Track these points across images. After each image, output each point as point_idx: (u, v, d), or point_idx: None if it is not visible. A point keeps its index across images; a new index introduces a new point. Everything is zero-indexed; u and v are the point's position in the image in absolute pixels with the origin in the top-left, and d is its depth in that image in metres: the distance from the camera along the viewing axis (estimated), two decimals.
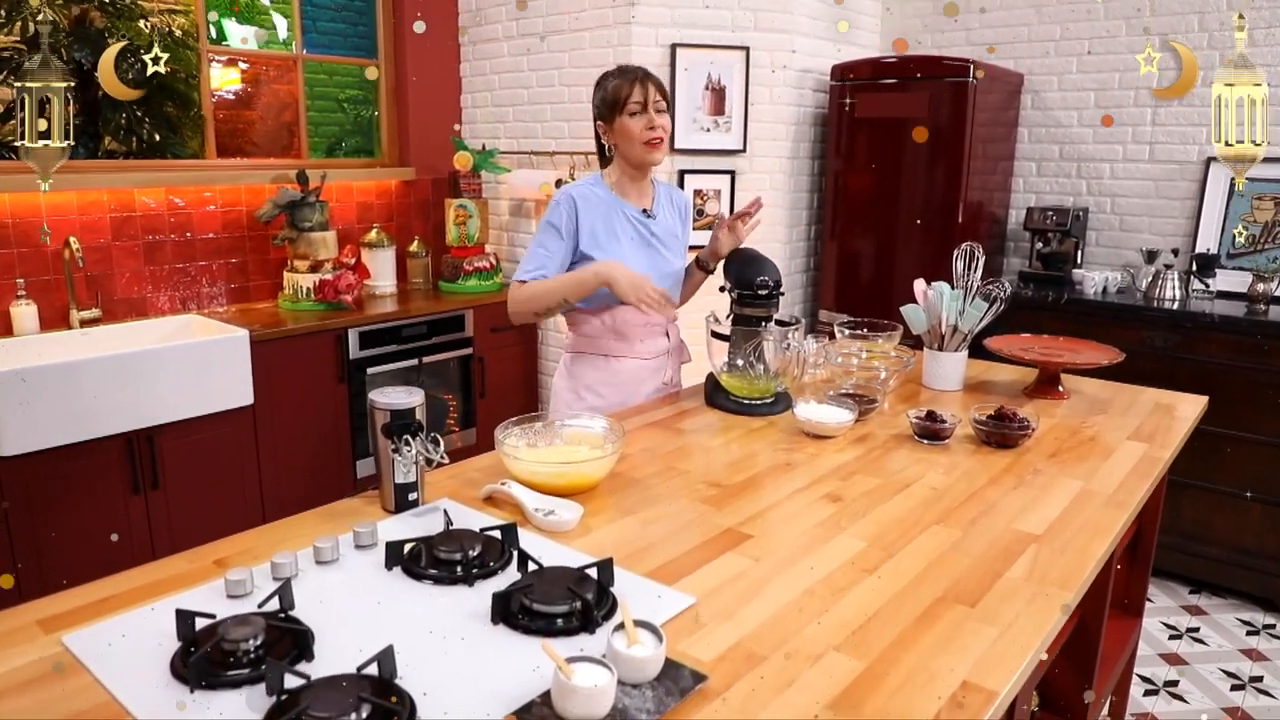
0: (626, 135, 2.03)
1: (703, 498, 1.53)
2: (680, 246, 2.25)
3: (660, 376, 2.23)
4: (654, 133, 2.02)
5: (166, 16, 3.57)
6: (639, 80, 2.02)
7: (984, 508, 1.51)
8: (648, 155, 2.05)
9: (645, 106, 2.01)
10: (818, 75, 3.77)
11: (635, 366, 2.18)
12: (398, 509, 1.44)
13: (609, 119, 2.05)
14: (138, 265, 3.24)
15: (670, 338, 2.25)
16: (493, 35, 3.98)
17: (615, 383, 2.16)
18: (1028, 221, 3.65)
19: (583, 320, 2.15)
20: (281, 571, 1.22)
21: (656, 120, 2.02)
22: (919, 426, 1.84)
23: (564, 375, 2.22)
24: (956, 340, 2.23)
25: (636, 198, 2.16)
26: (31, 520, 2.59)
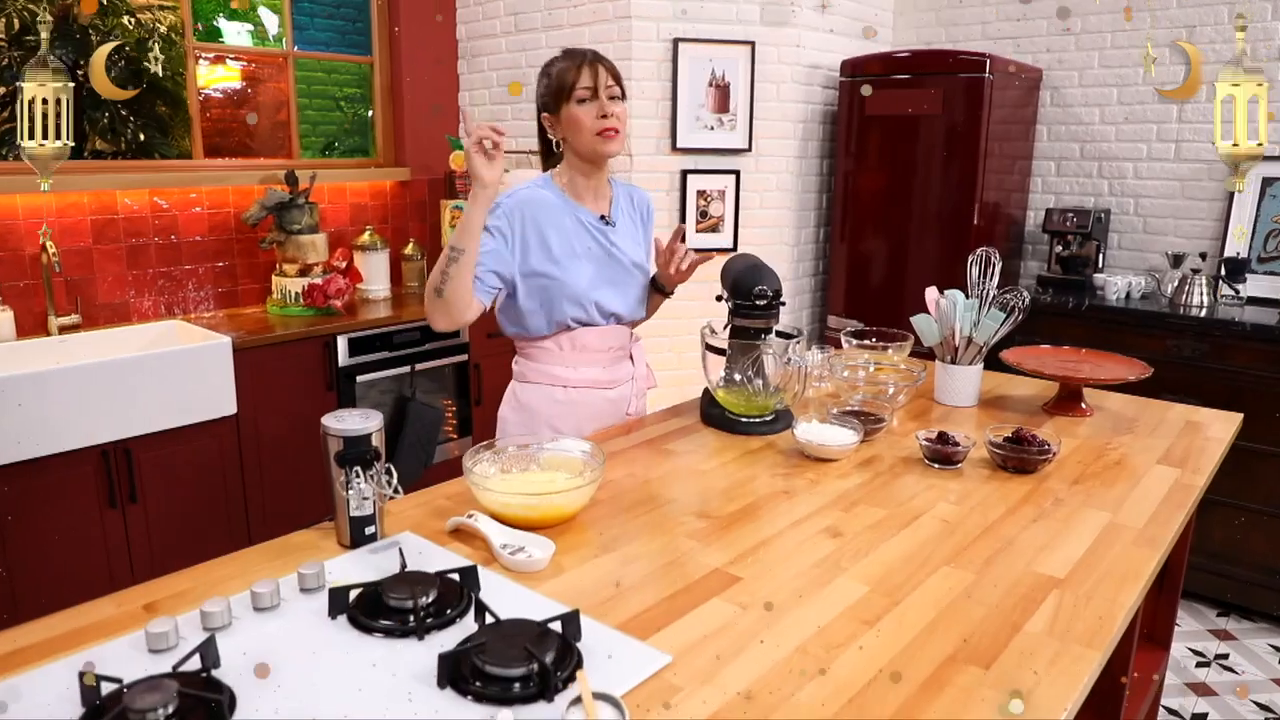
0: (575, 125, 1.80)
1: (690, 531, 1.40)
2: (643, 257, 2.01)
3: (623, 407, 2.01)
4: (607, 121, 1.79)
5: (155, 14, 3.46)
6: (588, 63, 1.80)
7: (1000, 545, 1.37)
8: (601, 146, 1.81)
9: (596, 92, 1.79)
10: (827, 71, 3.62)
11: (595, 397, 1.95)
12: (354, 544, 1.32)
13: (555, 108, 1.83)
14: (120, 269, 3.13)
15: (634, 361, 2.04)
16: (490, 31, 3.86)
17: (572, 416, 1.91)
18: (1046, 223, 3.49)
19: (533, 344, 1.94)
20: (212, 621, 1.10)
21: (609, 107, 1.80)
22: (929, 450, 1.70)
23: (513, 407, 1.97)
24: (971, 353, 2.08)
25: (593, 201, 1.93)
26: (1, 536, 2.49)
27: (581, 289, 1.85)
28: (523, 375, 1.96)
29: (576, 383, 1.93)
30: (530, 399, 1.94)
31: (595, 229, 1.90)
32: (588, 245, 1.88)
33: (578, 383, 1.93)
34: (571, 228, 1.87)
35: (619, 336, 1.97)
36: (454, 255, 1.67)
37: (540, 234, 1.83)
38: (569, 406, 1.92)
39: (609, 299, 1.90)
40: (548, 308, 1.86)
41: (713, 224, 3.48)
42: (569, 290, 1.84)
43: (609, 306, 1.91)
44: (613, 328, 1.94)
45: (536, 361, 1.93)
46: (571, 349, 1.91)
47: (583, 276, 1.85)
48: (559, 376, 1.92)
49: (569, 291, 1.84)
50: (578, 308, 1.87)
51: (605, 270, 1.90)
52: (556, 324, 1.88)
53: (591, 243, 1.89)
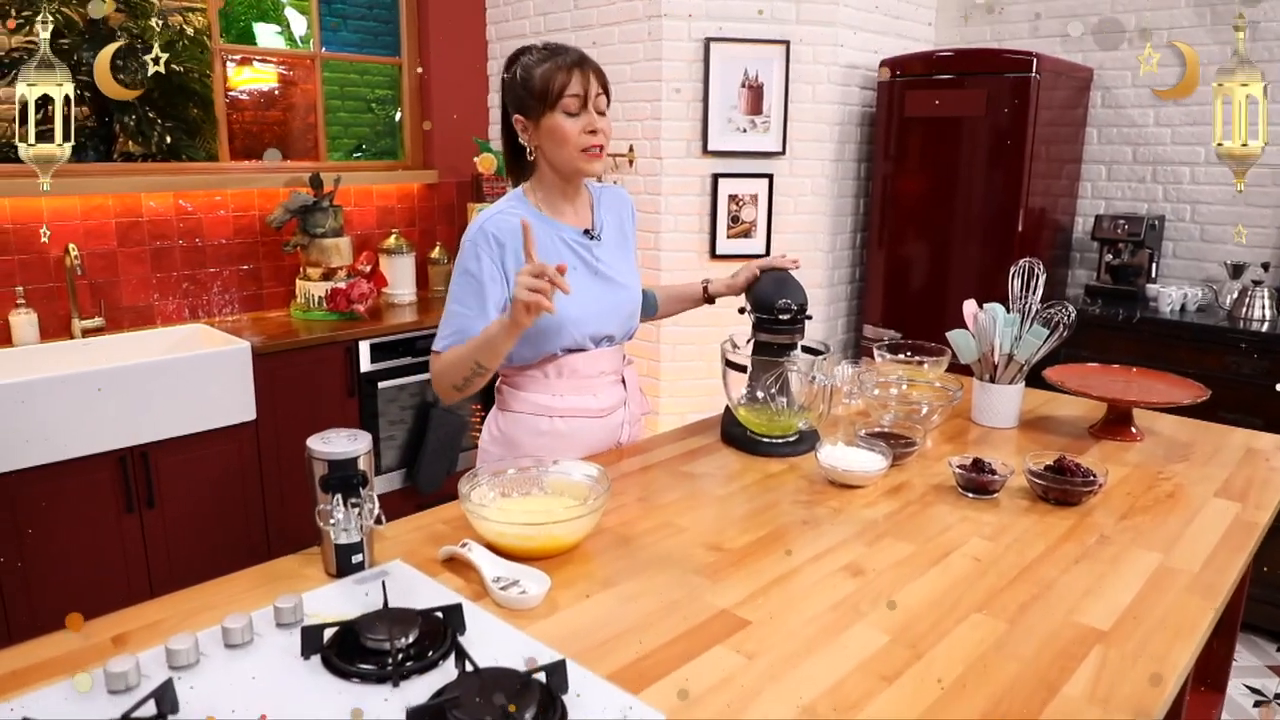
0: (558, 138, 1.60)
1: (699, 566, 1.30)
2: (633, 266, 1.83)
3: (616, 435, 1.83)
4: (594, 139, 1.60)
5: (183, 15, 3.44)
6: (578, 67, 1.58)
7: (1037, 589, 1.25)
8: (585, 165, 1.63)
9: (585, 103, 1.59)
10: (865, 71, 3.50)
11: (585, 426, 1.76)
12: (340, 573, 1.24)
13: (533, 113, 1.61)
14: (144, 272, 3.11)
15: (626, 385, 1.84)
16: (519, 31, 3.79)
17: (559, 448, 1.68)
18: (1096, 230, 3.33)
19: (517, 371, 1.74)
20: (177, 659, 1.02)
21: (598, 123, 1.61)
22: (963, 478, 1.58)
23: (493, 438, 1.78)
24: (1011, 371, 1.95)
25: (573, 214, 1.74)
26: (19, 541, 2.47)
27: (571, 317, 1.66)
28: (505, 404, 1.77)
29: (564, 411, 1.73)
30: (513, 430, 1.75)
31: (580, 246, 1.72)
32: (574, 265, 1.68)
33: (565, 411, 1.73)
34: (554, 251, 1.67)
35: (611, 360, 1.78)
36: (479, 370, 1.59)
37: (521, 264, 1.59)
38: (555, 438, 1.72)
39: (600, 323, 1.72)
40: (534, 339, 1.66)
41: (744, 229, 3.37)
42: (557, 320, 1.63)
43: (601, 330, 1.73)
44: (604, 351, 1.76)
45: (520, 389, 1.74)
46: (559, 376, 1.72)
47: (571, 304, 1.62)
48: (545, 405, 1.73)
49: (551, 321, 1.62)
50: (567, 337, 1.69)
51: (594, 292, 1.71)
52: (542, 352, 1.70)
53: (578, 263, 1.70)
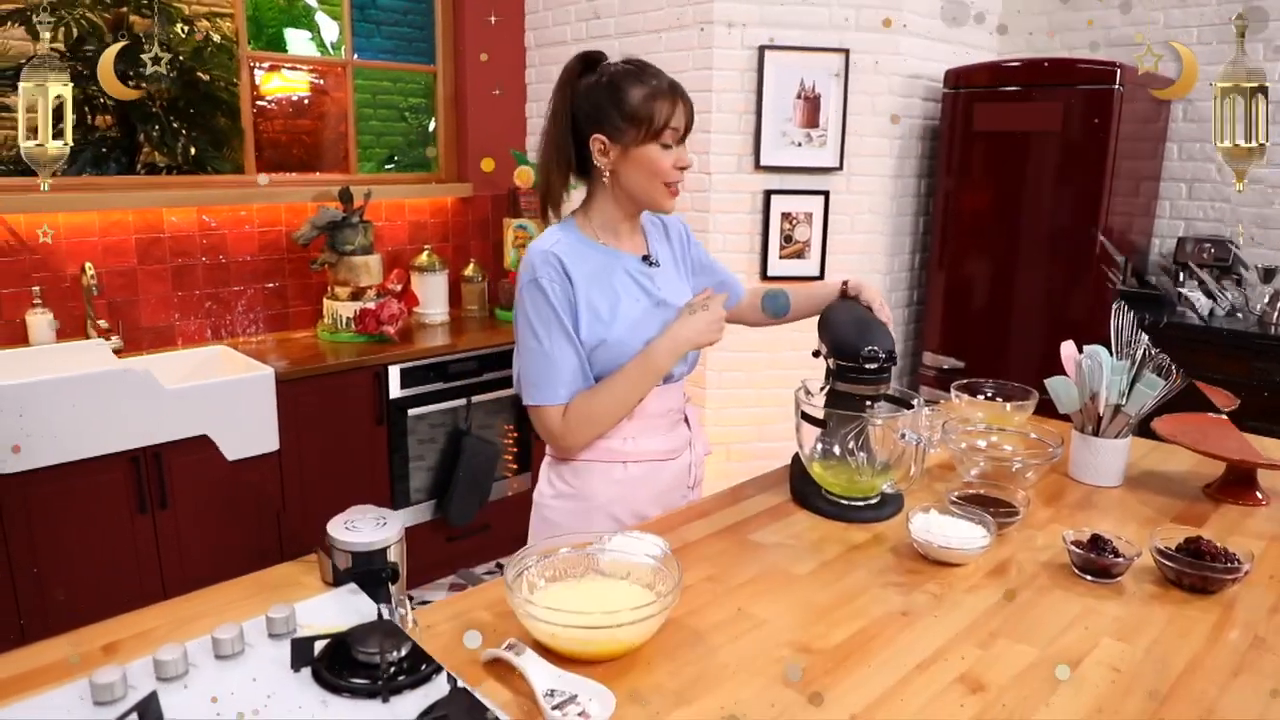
0: (649, 169, 1.50)
1: (788, 676, 1.10)
2: (688, 294, 1.69)
3: (685, 480, 1.71)
4: (680, 176, 1.54)
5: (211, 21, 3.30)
6: (681, 99, 1.50)
7: (1198, 713, 1.04)
8: (664, 201, 1.55)
9: (680, 137, 1.52)
10: (928, 82, 3.28)
11: (656, 472, 1.64)
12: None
13: (624, 138, 1.49)
14: (165, 291, 2.96)
15: (689, 424, 1.72)
16: (560, 38, 3.61)
17: (634, 496, 1.60)
18: (1178, 254, 3.09)
19: None
20: (166, 670, 0.94)
21: (688, 157, 1.55)
22: (1081, 559, 1.37)
23: (558, 493, 1.63)
24: (1119, 424, 1.73)
25: (630, 242, 1.63)
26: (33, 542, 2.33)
27: (635, 349, 1.54)
28: (570, 453, 1.60)
29: (636, 455, 1.60)
30: (582, 481, 1.60)
31: (642, 276, 1.60)
32: (635, 298, 1.57)
33: (637, 455, 1.60)
34: (616, 281, 1.56)
35: (675, 398, 1.66)
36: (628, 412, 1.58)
37: (587, 297, 1.52)
38: (629, 485, 1.60)
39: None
40: (598, 375, 1.55)
41: (798, 249, 3.17)
42: (625, 354, 1.54)
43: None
44: (669, 388, 1.63)
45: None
46: (628, 418, 1.58)
47: (637, 336, 1.54)
48: (616, 450, 1.59)
49: (625, 356, 1.53)
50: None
51: (655, 322, 1.57)
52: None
53: (639, 294, 1.58)
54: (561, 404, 1.53)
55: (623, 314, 1.54)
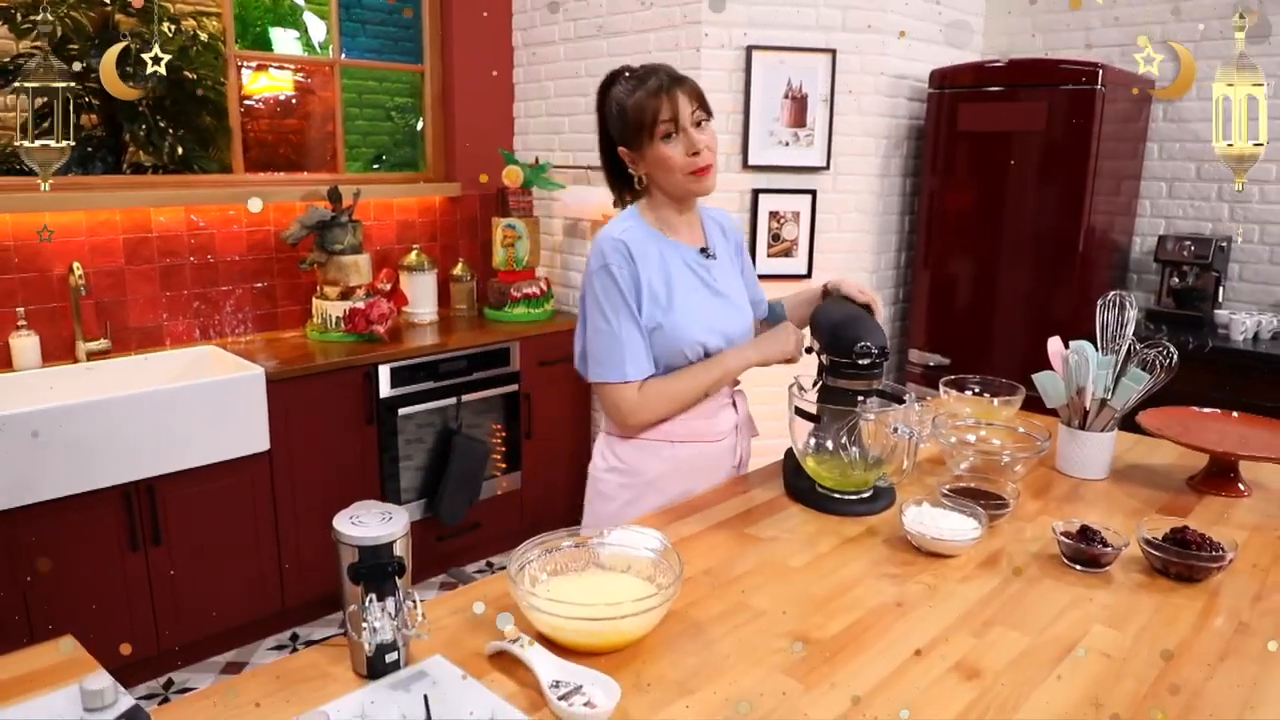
0: (664, 166, 1.58)
1: (789, 664, 1.12)
2: (742, 287, 1.79)
3: (729, 460, 1.78)
4: (699, 159, 1.57)
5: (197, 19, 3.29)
6: (665, 92, 1.54)
7: (1186, 697, 1.07)
8: (694, 186, 1.60)
9: (678, 125, 1.55)
10: (913, 82, 3.32)
11: (703, 451, 1.72)
12: (372, 674, 1.06)
13: (636, 145, 1.58)
14: (153, 291, 2.95)
15: (738, 410, 1.80)
16: (548, 37, 3.62)
17: (680, 473, 1.68)
18: (1159, 252, 3.14)
19: None
20: None
21: (699, 140, 1.56)
22: (1070, 549, 1.40)
23: (611, 467, 1.71)
24: (1104, 418, 1.76)
25: (688, 234, 1.70)
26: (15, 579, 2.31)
27: (693, 335, 1.62)
28: (623, 431, 1.70)
29: (684, 436, 1.69)
30: (633, 458, 1.69)
31: (698, 266, 1.68)
32: (694, 287, 1.65)
33: (686, 436, 1.69)
34: (674, 268, 1.64)
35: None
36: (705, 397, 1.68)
37: (649, 281, 1.60)
38: (675, 465, 1.68)
39: (716, 342, 1.66)
40: (662, 360, 1.64)
41: (785, 248, 3.19)
42: (681, 338, 1.61)
43: (718, 352, 1.67)
44: None
45: None
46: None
47: (694, 321, 1.62)
48: (666, 431, 1.67)
49: (681, 340, 1.62)
50: (686, 357, 1.64)
51: (715, 310, 1.67)
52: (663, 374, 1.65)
53: (696, 282, 1.66)
54: (629, 380, 1.60)
55: (680, 301, 1.61)
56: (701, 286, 1.66)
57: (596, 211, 3.44)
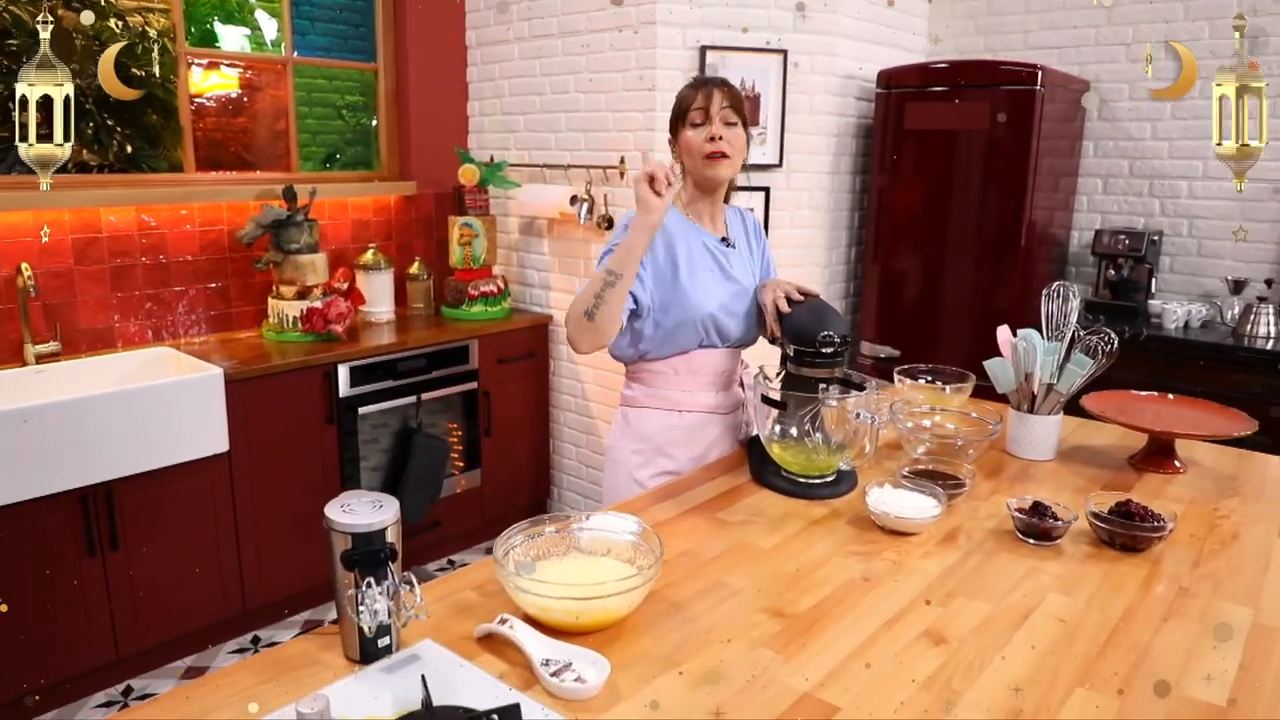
0: (687, 148, 1.80)
1: (765, 637, 1.17)
2: (756, 279, 1.95)
3: (737, 433, 1.94)
4: (714, 145, 1.75)
5: (144, 15, 3.23)
6: (703, 86, 1.79)
7: (1135, 655, 1.15)
8: (708, 170, 1.78)
9: (708, 116, 1.76)
10: (862, 82, 3.41)
11: (712, 422, 1.88)
12: (364, 659, 1.09)
13: (675, 132, 1.84)
14: (103, 292, 2.90)
15: (745, 388, 1.95)
16: (502, 37, 3.64)
17: (689, 440, 1.86)
18: (1096, 245, 3.28)
19: (647, 369, 1.86)
20: None
21: (720, 131, 1.76)
22: (1023, 523, 1.48)
23: (626, 435, 1.89)
24: (1051, 402, 1.86)
25: (710, 223, 1.90)
26: None
27: (707, 311, 1.79)
28: (636, 400, 1.89)
29: (692, 406, 1.86)
30: (646, 425, 1.86)
31: (718, 252, 1.85)
32: (710, 268, 1.82)
33: (693, 406, 1.86)
34: (695, 249, 1.82)
35: (731, 361, 1.90)
36: (610, 280, 1.63)
37: (671, 254, 1.78)
38: (686, 431, 1.85)
39: (727, 323, 1.83)
40: (671, 330, 1.79)
41: None
42: (695, 312, 1.78)
43: (728, 329, 1.84)
44: (726, 351, 1.88)
45: (651, 386, 1.86)
46: (689, 373, 1.84)
47: (707, 297, 1.79)
48: (676, 401, 1.85)
49: (695, 314, 1.78)
50: (700, 331, 1.80)
51: (727, 292, 1.83)
52: (676, 347, 1.82)
53: (714, 265, 1.83)
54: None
55: (694, 278, 1.78)
56: (717, 269, 1.83)
57: (553, 209, 3.46)
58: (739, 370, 1.95)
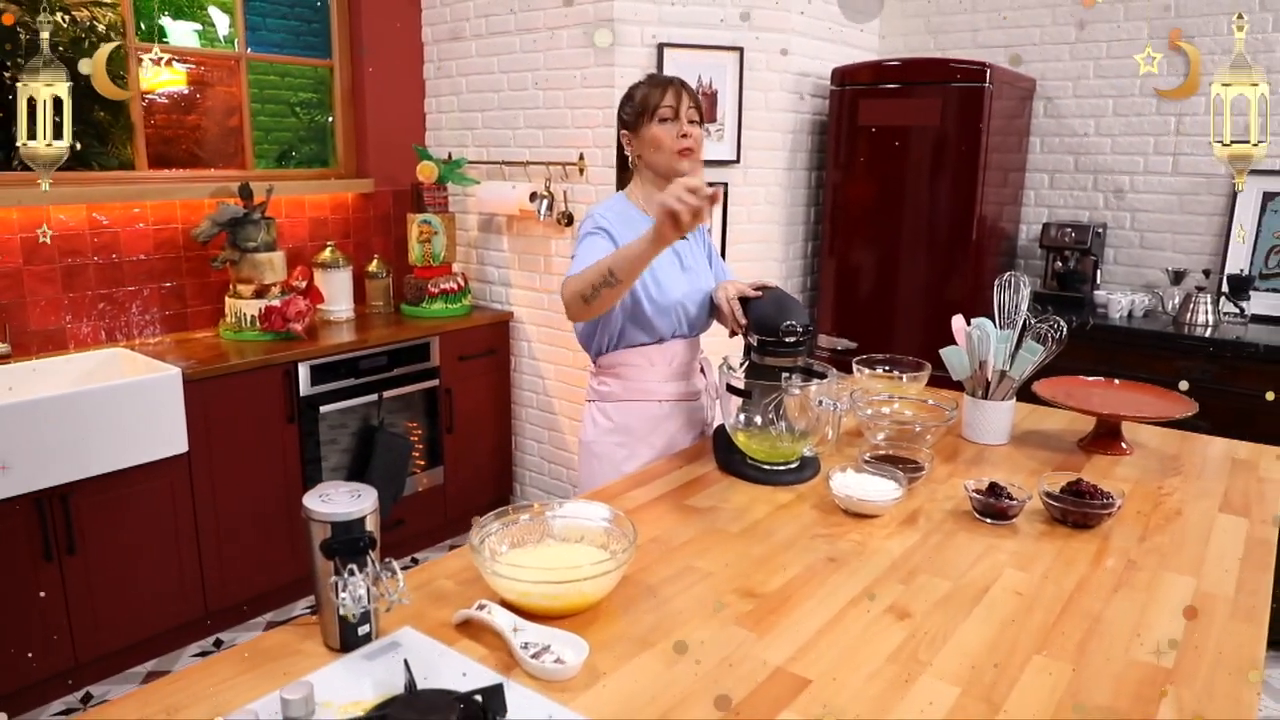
0: (655, 143, 1.86)
1: (737, 616, 1.21)
2: (707, 267, 2.03)
3: (702, 417, 2.01)
4: (686, 140, 1.85)
5: (91, 10, 3.17)
6: (672, 86, 1.87)
7: (1087, 623, 1.20)
8: (678, 164, 1.85)
9: (677, 113, 1.85)
10: (816, 79, 3.47)
11: (684, 409, 1.96)
12: (345, 647, 1.10)
13: (635, 127, 1.89)
14: (54, 293, 2.84)
15: (706, 375, 2.04)
16: (460, 33, 3.64)
17: (666, 431, 1.92)
18: (1044, 238, 3.38)
19: (623, 362, 1.91)
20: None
21: (689, 129, 1.86)
22: (980, 503, 1.54)
23: (608, 429, 1.93)
24: (1005, 388, 1.92)
25: None
26: None
27: (674, 300, 1.87)
28: (612, 395, 1.93)
29: (667, 395, 1.93)
30: (625, 418, 1.92)
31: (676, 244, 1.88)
32: (670, 260, 1.89)
33: (668, 395, 1.93)
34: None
35: (694, 349, 1.99)
36: (611, 280, 1.64)
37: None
38: (661, 420, 1.92)
39: (692, 311, 1.92)
40: (641, 320, 1.86)
41: None
42: (664, 301, 1.86)
43: (694, 318, 1.93)
44: (691, 340, 1.96)
45: (625, 379, 1.91)
46: (662, 362, 1.91)
47: (674, 290, 1.88)
48: (649, 391, 1.91)
49: (663, 303, 1.86)
50: (669, 319, 1.88)
51: (684, 281, 1.92)
52: (646, 337, 1.88)
53: (673, 256, 1.91)
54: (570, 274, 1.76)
55: (665, 270, 1.86)
56: (676, 261, 1.92)
57: (513, 206, 3.47)
58: (698, 358, 2.02)
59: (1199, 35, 3.15)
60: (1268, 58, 3.03)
